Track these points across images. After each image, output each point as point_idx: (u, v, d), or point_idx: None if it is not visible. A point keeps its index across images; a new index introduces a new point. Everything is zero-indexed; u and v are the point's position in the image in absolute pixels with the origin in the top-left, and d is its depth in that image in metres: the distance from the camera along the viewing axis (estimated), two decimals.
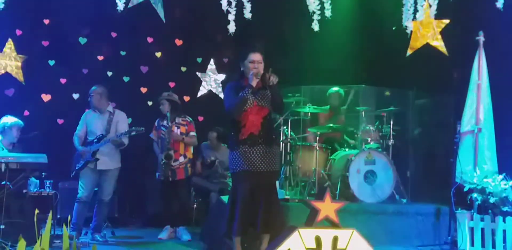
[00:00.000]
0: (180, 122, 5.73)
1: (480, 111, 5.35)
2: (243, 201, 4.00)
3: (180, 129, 5.70)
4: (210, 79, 7.72)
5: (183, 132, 5.72)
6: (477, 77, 5.40)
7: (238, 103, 4.06)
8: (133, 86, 7.16)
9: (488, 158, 5.34)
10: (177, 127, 5.69)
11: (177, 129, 5.68)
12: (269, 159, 4.11)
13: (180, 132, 5.69)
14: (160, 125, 5.76)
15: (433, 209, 5.67)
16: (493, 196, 4.96)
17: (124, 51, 7.16)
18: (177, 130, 5.67)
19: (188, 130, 5.76)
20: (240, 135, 4.08)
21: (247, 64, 4.20)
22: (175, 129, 5.67)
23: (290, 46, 7.59)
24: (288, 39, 7.55)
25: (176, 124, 5.70)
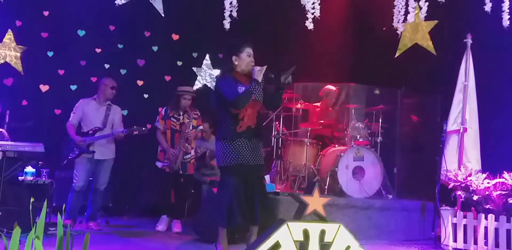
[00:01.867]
0: (193, 116, 5.83)
1: (466, 112, 5.48)
2: (236, 194, 4.03)
3: (193, 122, 5.81)
4: (205, 74, 7.82)
5: (194, 125, 5.83)
6: (464, 78, 5.54)
7: (246, 96, 4.06)
8: (130, 79, 7.23)
9: (472, 156, 5.47)
10: (189, 120, 5.78)
11: (189, 122, 5.77)
12: (258, 152, 4.19)
13: (192, 125, 5.80)
14: (169, 115, 5.77)
15: (418, 205, 5.82)
16: (476, 194, 5.09)
17: (121, 44, 7.23)
18: (188, 122, 5.76)
19: (198, 123, 5.88)
20: (238, 127, 4.09)
21: (245, 57, 4.20)
22: (187, 121, 5.74)
23: (283, 43, 7.69)
24: (281, 36, 7.65)
25: (189, 118, 5.78)
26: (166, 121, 5.79)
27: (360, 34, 7.26)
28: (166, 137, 5.77)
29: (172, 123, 5.77)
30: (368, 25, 7.09)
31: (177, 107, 5.78)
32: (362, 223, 5.53)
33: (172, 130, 5.76)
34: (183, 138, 5.69)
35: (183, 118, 5.76)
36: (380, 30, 6.32)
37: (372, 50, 7.02)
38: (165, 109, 5.85)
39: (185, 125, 5.69)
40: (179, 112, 5.78)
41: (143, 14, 7.21)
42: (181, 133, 5.71)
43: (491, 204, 5.03)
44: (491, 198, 5.04)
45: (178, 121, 5.76)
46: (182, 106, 5.76)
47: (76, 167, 5.57)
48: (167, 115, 5.80)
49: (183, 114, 5.79)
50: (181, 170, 5.74)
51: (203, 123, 6.60)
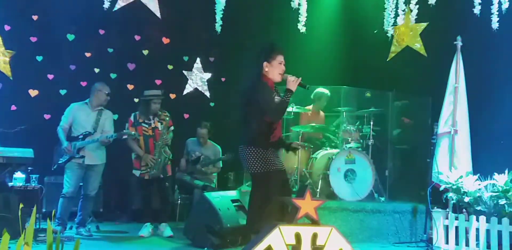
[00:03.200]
0: (162, 118, 5.77)
1: (457, 114, 5.51)
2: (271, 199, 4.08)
3: (163, 124, 5.77)
4: (196, 78, 7.80)
5: (165, 127, 5.78)
6: (454, 80, 5.56)
7: (284, 108, 4.13)
8: (120, 83, 7.19)
9: (463, 158, 5.49)
10: (160, 122, 5.74)
11: (160, 124, 5.73)
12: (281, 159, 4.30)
13: (163, 127, 5.74)
14: (139, 121, 5.70)
15: (410, 207, 5.83)
16: (468, 196, 5.10)
17: (111, 48, 7.19)
18: (160, 125, 5.72)
19: (170, 124, 5.81)
20: (272, 137, 4.14)
21: (276, 65, 4.17)
22: (159, 124, 5.71)
23: None
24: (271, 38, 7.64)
25: (159, 120, 5.74)
26: (136, 128, 5.69)
27: (352, 37, 7.29)
28: (139, 144, 5.70)
29: (144, 129, 5.70)
30: (359, 28, 7.12)
31: (147, 112, 5.70)
32: (354, 225, 5.54)
33: (145, 136, 5.69)
34: (163, 144, 5.63)
35: (154, 122, 5.70)
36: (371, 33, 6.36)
37: (364, 53, 7.04)
38: (134, 116, 5.75)
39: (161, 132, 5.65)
40: (149, 117, 5.71)
41: (133, 18, 7.21)
42: (155, 138, 5.66)
43: (482, 206, 5.05)
44: (482, 200, 5.06)
45: (150, 126, 5.70)
46: (153, 111, 5.68)
47: (66, 173, 5.52)
48: (137, 122, 5.71)
49: (153, 119, 5.73)
50: (161, 174, 5.69)
51: (201, 129, 6.56)
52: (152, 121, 5.71)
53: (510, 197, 4.87)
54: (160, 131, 5.69)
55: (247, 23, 7.55)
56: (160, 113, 5.75)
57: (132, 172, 5.75)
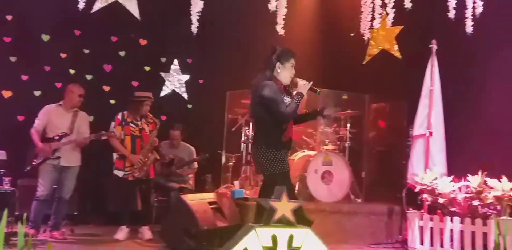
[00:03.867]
0: (149, 121, 5.78)
1: (432, 116, 5.58)
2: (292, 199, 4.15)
3: (149, 127, 5.76)
4: (173, 79, 7.76)
5: (151, 129, 5.77)
6: (429, 83, 5.64)
7: (294, 110, 4.14)
8: (96, 85, 7.12)
9: (438, 160, 5.56)
10: (147, 124, 5.75)
11: (147, 126, 5.72)
12: None
13: (149, 130, 5.75)
14: (128, 121, 5.69)
15: (386, 208, 5.89)
16: (442, 197, 5.18)
17: (87, 49, 7.11)
18: (147, 127, 5.72)
19: (153, 128, 5.80)
20: (283, 137, 4.16)
21: (289, 67, 4.23)
22: (146, 126, 5.71)
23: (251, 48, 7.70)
24: (250, 40, 7.66)
25: (146, 123, 5.74)
26: (124, 127, 5.68)
27: (329, 40, 7.34)
28: (124, 144, 5.66)
29: (131, 129, 5.68)
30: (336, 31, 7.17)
31: (136, 113, 5.70)
32: (330, 227, 5.55)
33: (133, 136, 5.67)
34: (151, 145, 5.61)
35: (141, 123, 5.70)
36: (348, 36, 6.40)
37: (340, 56, 7.09)
38: (122, 115, 5.73)
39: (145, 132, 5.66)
40: (137, 117, 5.71)
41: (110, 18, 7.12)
42: (141, 138, 5.64)
43: (456, 207, 5.12)
44: (456, 201, 5.12)
45: (138, 127, 5.70)
46: (144, 112, 5.70)
47: (40, 175, 5.43)
48: (125, 121, 5.70)
49: (141, 120, 5.72)
50: (144, 176, 5.65)
51: (174, 131, 6.55)
52: (139, 122, 5.71)
53: (483, 198, 4.94)
54: (147, 133, 5.70)
55: (225, 25, 7.54)
56: (147, 116, 5.74)
57: (114, 172, 5.67)
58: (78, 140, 5.41)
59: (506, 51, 5.48)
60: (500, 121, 5.46)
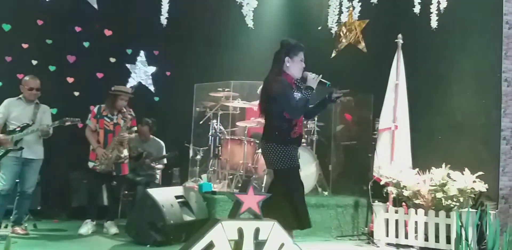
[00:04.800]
0: (127, 116, 5.65)
1: (397, 110, 5.65)
2: (301, 194, 4.16)
3: (126, 123, 5.65)
4: (140, 71, 7.64)
5: (128, 126, 5.66)
6: (395, 77, 5.70)
7: (303, 106, 4.14)
8: (59, 76, 6.95)
9: (403, 153, 5.62)
10: (124, 121, 5.63)
11: (123, 123, 5.61)
12: None
13: (126, 126, 5.64)
14: (103, 114, 5.59)
15: (352, 201, 5.95)
16: (407, 190, 5.26)
17: (50, 39, 6.93)
18: (123, 123, 5.61)
19: (132, 124, 5.71)
20: (293, 133, 4.15)
21: (298, 61, 4.21)
22: (122, 122, 5.60)
23: (220, 40, 7.65)
24: (218, 33, 7.61)
25: (123, 118, 5.63)
26: (98, 120, 5.60)
27: (297, 33, 7.32)
28: (98, 137, 5.59)
29: (105, 123, 5.60)
30: (304, 24, 7.17)
31: (112, 107, 5.61)
32: None
33: (106, 130, 5.59)
34: (118, 140, 5.52)
35: (117, 118, 5.61)
36: (315, 30, 6.42)
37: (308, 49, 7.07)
38: (98, 108, 5.65)
39: (120, 128, 5.55)
40: (113, 112, 5.62)
41: (74, 8, 6.96)
42: (114, 133, 5.56)
43: (420, 199, 5.19)
44: (420, 194, 5.20)
45: (112, 122, 5.60)
46: (118, 106, 5.59)
47: (2, 168, 5.27)
48: (101, 114, 5.62)
49: (117, 115, 5.63)
50: (114, 171, 5.57)
51: (141, 125, 6.46)
52: (115, 117, 5.60)
53: (447, 190, 5.04)
54: (121, 128, 5.57)
55: (192, 16, 7.46)
56: (125, 111, 5.63)
57: (88, 163, 5.58)
58: (41, 128, 5.26)
59: (470, 46, 5.58)
60: (463, 115, 5.58)
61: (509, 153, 5.31)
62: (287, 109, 4.09)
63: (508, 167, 5.29)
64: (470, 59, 5.59)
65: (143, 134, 6.54)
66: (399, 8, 5.68)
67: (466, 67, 5.62)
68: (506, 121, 5.31)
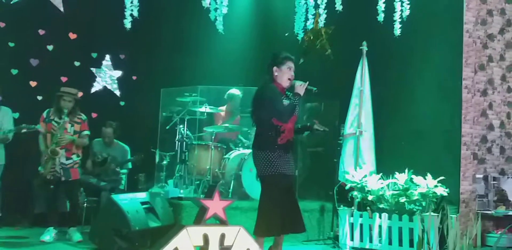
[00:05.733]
0: (75, 120, 5.53)
1: (362, 116, 5.72)
2: (278, 202, 4.14)
3: (74, 127, 5.51)
4: (105, 75, 7.53)
5: (77, 130, 5.52)
6: (360, 84, 5.78)
7: (291, 110, 4.23)
8: (22, 80, 6.79)
9: (367, 158, 5.70)
10: (71, 124, 5.49)
11: (71, 126, 5.48)
12: (293, 164, 4.36)
13: (74, 130, 5.51)
14: (51, 118, 5.45)
15: (318, 206, 6.01)
16: (371, 194, 5.32)
17: (12, 42, 6.77)
18: (71, 127, 5.48)
19: (82, 128, 5.58)
20: (279, 139, 4.19)
21: (286, 70, 4.34)
22: (69, 126, 5.47)
23: (187, 45, 7.63)
24: (186, 38, 7.58)
25: (70, 122, 5.49)
26: (47, 124, 5.44)
27: (265, 39, 7.38)
28: (46, 141, 5.43)
29: (52, 127, 5.42)
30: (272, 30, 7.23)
31: (58, 110, 5.44)
32: None
33: (53, 134, 5.41)
34: (55, 142, 5.37)
35: (64, 122, 5.44)
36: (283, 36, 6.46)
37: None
38: (47, 112, 5.51)
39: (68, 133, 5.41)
40: (61, 115, 5.44)
41: (37, 10, 6.83)
42: None
43: (384, 204, 5.28)
44: (384, 198, 5.29)
45: (59, 125, 5.43)
46: (62, 108, 5.42)
47: None
48: (49, 118, 5.46)
49: (64, 118, 5.45)
50: (63, 177, 5.43)
51: (106, 128, 6.36)
52: (62, 120, 5.43)
53: (409, 195, 5.14)
54: (68, 133, 5.42)
55: (159, 20, 7.41)
56: (75, 115, 5.49)
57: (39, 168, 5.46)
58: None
59: (432, 53, 5.73)
60: (425, 121, 5.71)
61: (469, 158, 5.46)
62: (275, 114, 4.20)
63: (468, 172, 5.44)
64: (432, 67, 5.73)
65: (107, 137, 6.43)
66: (364, 16, 5.79)
67: (429, 74, 5.76)
68: (466, 128, 5.46)
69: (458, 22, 5.51)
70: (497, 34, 5.75)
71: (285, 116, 4.23)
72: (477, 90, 5.58)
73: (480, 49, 5.62)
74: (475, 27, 5.59)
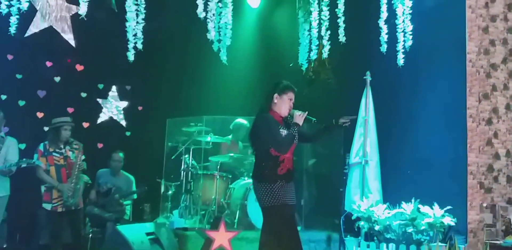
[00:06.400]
0: (74, 147, 5.51)
1: (367, 144, 5.73)
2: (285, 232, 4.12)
3: (75, 153, 5.54)
4: (111, 106, 7.61)
5: (77, 156, 5.55)
6: (364, 113, 5.82)
7: (290, 141, 4.19)
8: (29, 111, 6.87)
9: (374, 188, 5.68)
10: (72, 151, 5.49)
11: (72, 153, 5.50)
12: (293, 193, 4.29)
13: (75, 156, 5.51)
14: (50, 151, 5.38)
15: (325, 236, 5.95)
16: (378, 224, 5.26)
17: (20, 74, 6.88)
18: (72, 154, 5.49)
19: (80, 154, 5.60)
20: (279, 169, 4.16)
21: (286, 99, 4.33)
22: (70, 153, 5.47)
23: (193, 76, 7.72)
24: (191, 69, 7.68)
25: (71, 149, 5.47)
26: (47, 157, 5.35)
27: (270, 69, 7.47)
28: (50, 175, 5.35)
29: (55, 158, 5.37)
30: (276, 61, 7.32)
31: (58, 141, 5.41)
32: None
33: (57, 166, 5.35)
34: (78, 169, 5.37)
35: (65, 151, 5.42)
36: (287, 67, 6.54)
37: None
38: (43, 146, 5.41)
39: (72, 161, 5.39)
40: (60, 145, 5.42)
41: (45, 43, 6.96)
42: (67, 167, 5.38)
43: (391, 234, 5.22)
44: (391, 228, 5.24)
45: (62, 156, 5.39)
46: (64, 138, 5.40)
47: None
48: (47, 151, 5.38)
49: (64, 147, 5.46)
50: (73, 206, 5.40)
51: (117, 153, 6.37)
52: (63, 150, 5.43)
53: (417, 224, 5.09)
54: (71, 160, 5.42)
55: (164, 51, 7.53)
56: (72, 142, 5.51)
57: (42, 205, 5.36)
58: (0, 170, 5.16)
59: (435, 83, 5.76)
60: (430, 150, 5.69)
61: (476, 187, 5.42)
62: (273, 145, 4.16)
63: (475, 201, 5.39)
64: (436, 96, 5.75)
65: (114, 168, 6.44)
66: (367, 47, 5.86)
67: (433, 103, 5.78)
68: (472, 157, 5.44)
69: (461, 52, 5.55)
70: (500, 64, 5.79)
71: (283, 147, 4.19)
72: (482, 119, 5.58)
73: (484, 79, 5.66)
74: (478, 57, 5.63)
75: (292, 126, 4.27)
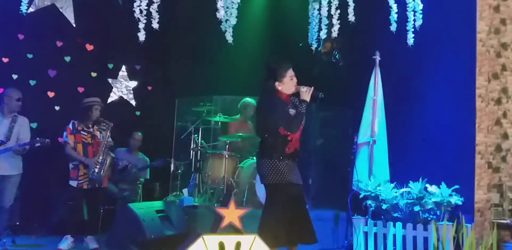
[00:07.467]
0: (101, 128, 5.68)
1: (375, 125, 5.73)
2: (287, 211, 4.12)
3: (103, 133, 5.66)
4: (121, 86, 7.66)
5: (105, 136, 5.67)
6: (373, 93, 5.81)
7: (300, 120, 4.19)
8: (40, 91, 6.94)
9: (381, 167, 5.70)
10: (100, 131, 5.65)
11: (99, 133, 5.63)
12: (298, 173, 4.32)
13: (102, 136, 5.66)
14: (78, 129, 5.58)
15: (332, 215, 6.00)
16: (385, 203, 5.32)
17: (31, 54, 6.93)
18: (99, 134, 5.63)
19: (107, 134, 5.71)
20: (287, 148, 4.18)
21: (288, 81, 4.25)
22: (98, 133, 5.62)
23: (202, 55, 7.72)
24: (200, 48, 7.67)
25: (99, 129, 5.65)
26: (75, 135, 5.57)
27: (278, 49, 7.44)
28: (76, 151, 5.55)
29: (83, 137, 5.59)
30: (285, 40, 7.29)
31: (87, 120, 5.61)
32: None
33: (84, 143, 5.57)
34: (106, 146, 5.55)
35: (93, 130, 5.61)
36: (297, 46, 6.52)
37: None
38: (72, 124, 5.62)
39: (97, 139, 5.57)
40: (88, 125, 5.62)
41: (55, 22, 6.98)
42: (93, 145, 5.56)
43: (398, 213, 5.28)
44: (398, 207, 5.28)
45: (90, 134, 5.60)
46: (94, 117, 5.61)
47: None
48: (76, 130, 5.59)
49: (92, 127, 5.62)
50: (97, 184, 5.53)
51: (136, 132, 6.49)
52: (91, 129, 5.63)
53: (424, 204, 5.13)
54: (99, 139, 5.61)
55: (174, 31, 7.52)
56: (101, 122, 5.65)
57: (69, 182, 5.52)
58: (14, 149, 5.25)
59: (445, 62, 5.73)
60: (438, 130, 5.69)
61: (483, 167, 5.43)
62: (283, 125, 4.15)
63: (483, 181, 5.41)
64: (445, 75, 5.72)
65: (133, 146, 6.58)
66: (377, 26, 5.82)
67: (442, 83, 5.76)
68: (480, 137, 5.44)
69: (471, 31, 5.51)
70: (510, 43, 5.74)
71: (293, 126, 4.18)
72: (491, 99, 5.56)
73: (494, 58, 5.61)
74: (488, 36, 5.58)
75: (300, 103, 4.24)
